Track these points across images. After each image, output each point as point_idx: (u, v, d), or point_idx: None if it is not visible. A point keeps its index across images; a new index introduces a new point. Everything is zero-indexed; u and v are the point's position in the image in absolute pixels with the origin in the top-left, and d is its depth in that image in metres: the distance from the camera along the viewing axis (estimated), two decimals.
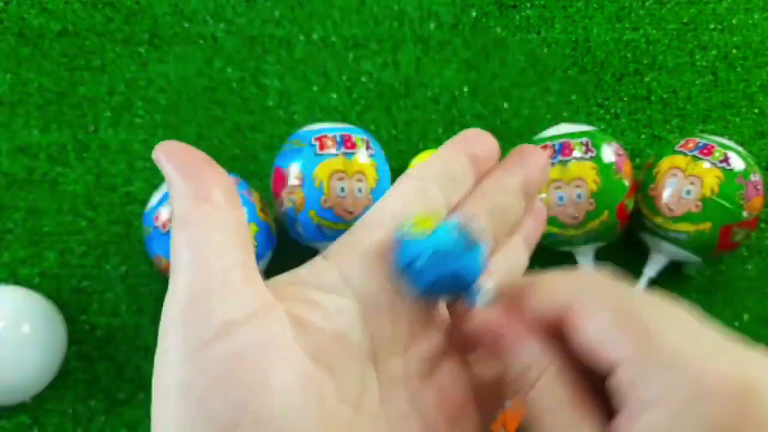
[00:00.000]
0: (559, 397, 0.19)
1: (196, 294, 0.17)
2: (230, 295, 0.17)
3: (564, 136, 0.47)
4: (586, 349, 0.19)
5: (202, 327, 0.17)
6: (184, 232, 0.18)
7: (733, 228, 0.45)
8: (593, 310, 0.18)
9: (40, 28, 0.58)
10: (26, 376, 0.45)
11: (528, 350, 0.20)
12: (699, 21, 0.60)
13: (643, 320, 0.18)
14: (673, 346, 0.17)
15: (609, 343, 0.18)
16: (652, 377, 0.17)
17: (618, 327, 0.18)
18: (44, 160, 0.54)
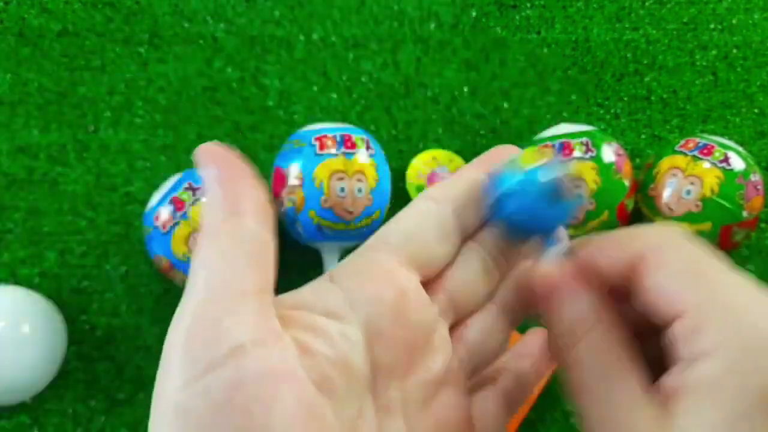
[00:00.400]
0: (610, 350, 0.19)
1: (207, 316, 0.17)
2: (240, 322, 0.17)
3: (564, 136, 0.47)
4: (651, 298, 0.19)
5: (208, 350, 0.16)
6: (208, 246, 0.18)
7: (733, 228, 0.45)
8: (664, 260, 0.19)
9: (40, 28, 0.58)
10: (26, 376, 0.45)
11: (583, 302, 0.20)
12: (699, 21, 0.60)
13: (711, 274, 0.18)
14: (736, 300, 0.17)
15: (675, 292, 0.18)
16: (712, 327, 0.17)
17: (687, 277, 0.18)
18: (44, 160, 0.54)
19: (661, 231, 0.20)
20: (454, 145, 0.55)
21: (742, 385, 0.16)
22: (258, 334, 0.17)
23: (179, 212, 0.44)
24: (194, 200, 0.44)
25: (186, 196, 0.45)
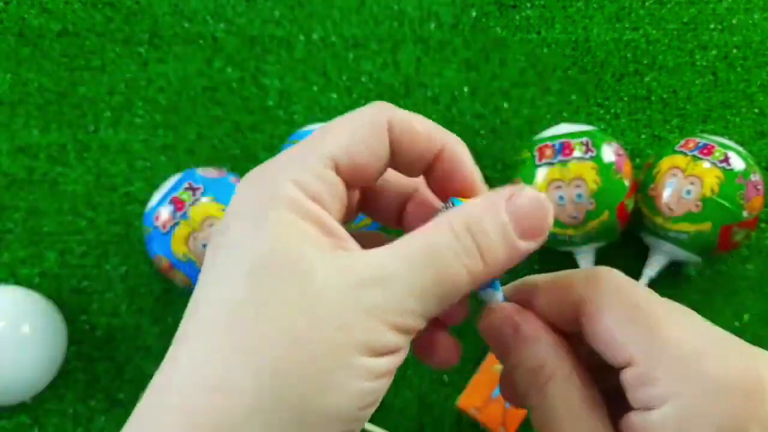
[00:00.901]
0: (573, 394, 0.19)
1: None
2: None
3: (564, 136, 0.47)
4: (598, 346, 0.19)
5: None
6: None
7: (733, 228, 0.45)
8: (604, 307, 0.19)
9: (40, 28, 0.58)
10: (26, 376, 0.45)
11: (544, 347, 0.20)
12: (699, 21, 0.60)
13: (653, 317, 0.19)
14: (682, 344, 0.18)
15: (620, 341, 0.19)
16: (662, 376, 0.18)
17: (630, 323, 0.19)
18: (44, 160, 0.54)
19: (597, 277, 0.20)
20: None
21: (700, 427, 0.17)
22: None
23: (179, 212, 0.44)
24: (194, 200, 0.44)
25: (186, 196, 0.45)
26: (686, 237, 0.46)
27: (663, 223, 0.47)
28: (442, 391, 0.49)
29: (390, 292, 0.17)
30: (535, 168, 0.46)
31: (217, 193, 0.45)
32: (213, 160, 0.54)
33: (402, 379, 0.49)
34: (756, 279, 0.52)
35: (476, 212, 0.19)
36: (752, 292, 0.52)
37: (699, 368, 0.17)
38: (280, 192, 0.19)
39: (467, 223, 0.18)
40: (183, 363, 0.18)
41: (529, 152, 0.48)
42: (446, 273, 0.18)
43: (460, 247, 0.18)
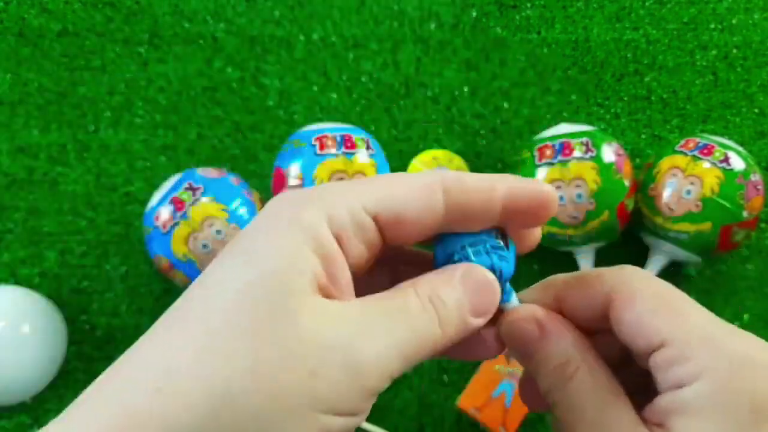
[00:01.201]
0: (600, 385, 0.20)
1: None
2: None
3: (564, 136, 0.47)
4: (628, 333, 0.20)
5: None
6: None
7: (733, 228, 0.45)
8: (636, 296, 0.20)
9: (40, 28, 0.58)
10: (26, 376, 0.45)
11: (569, 343, 0.21)
12: (699, 21, 0.60)
13: (682, 307, 0.20)
14: (711, 329, 0.19)
15: (652, 325, 0.19)
16: (694, 354, 0.18)
17: (660, 310, 0.20)
18: (44, 160, 0.54)
19: (624, 271, 0.21)
20: (455, 145, 0.55)
21: (731, 402, 0.18)
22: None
23: (179, 212, 0.44)
24: (194, 200, 0.44)
25: (186, 196, 0.45)
26: (686, 237, 0.46)
27: (663, 223, 0.47)
28: (442, 391, 0.49)
29: (370, 348, 0.18)
30: (535, 168, 0.46)
31: (217, 193, 0.45)
32: (213, 160, 0.55)
33: (402, 379, 0.49)
34: (756, 279, 0.52)
35: (438, 287, 0.20)
36: (752, 292, 0.52)
37: (727, 346, 0.18)
38: (305, 215, 0.18)
39: (431, 296, 0.19)
40: (137, 358, 0.17)
41: (529, 152, 0.48)
42: (418, 333, 0.19)
43: (427, 316, 0.19)
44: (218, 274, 0.18)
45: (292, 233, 0.18)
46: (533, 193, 0.20)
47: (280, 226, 0.18)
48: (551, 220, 0.46)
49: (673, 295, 0.20)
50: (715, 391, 0.18)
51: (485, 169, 0.55)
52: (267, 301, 0.17)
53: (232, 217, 0.44)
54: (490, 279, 0.20)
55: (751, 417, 0.17)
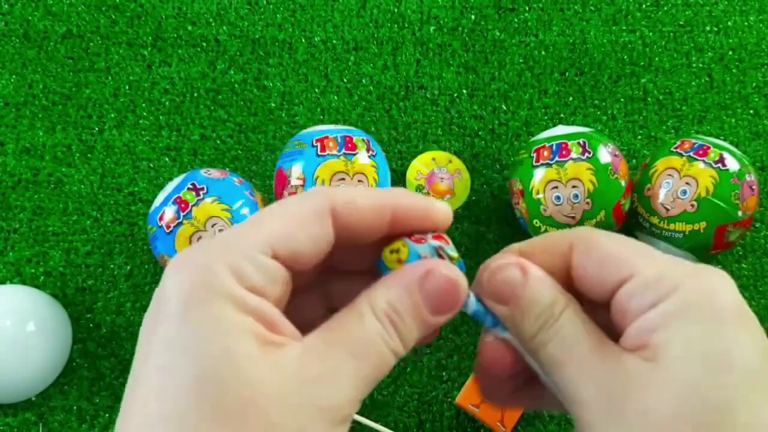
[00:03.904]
0: (587, 322, 0.21)
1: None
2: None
3: (561, 137, 0.48)
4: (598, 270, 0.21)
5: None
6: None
7: (728, 228, 0.46)
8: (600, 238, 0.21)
9: (44, 30, 0.58)
10: (31, 374, 0.46)
11: (554, 284, 0.21)
12: (695, 23, 0.60)
13: (642, 248, 0.21)
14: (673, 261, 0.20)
15: (623, 256, 0.20)
16: (662, 278, 0.19)
17: (625, 247, 0.21)
18: (49, 161, 0.54)
19: (583, 227, 0.22)
20: (453, 147, 0.56)
21: (708, 308, 0.19)
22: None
23: (183, 212, 0.45)
24: (198, 201, 0.45)
25: (190, 196, 0.45)
26: (681, 236, 0.47)
27: (659, 223, 0.47)
28: (441, 388, 0.49)
29: (336, 390, 0.18)
30: (533, 169, 0.47)
31: (221, 193, 0.46)
32: (216, 161, 0.55)
33: (401, 376, 0.49)
34: (750, 278, 0.53)
35: (394, 298, 0.20)
36: (746, 291, 0.52)
37: (692, 272, 0.19)
38: (217, 282, 0.18)
39: (387, 312, 0.20)
40: None
41: (526, 153, 0.48)
42: (380, 360, 0.19)
43: (386, 335, 0.19)
44: (158, 377, 0.17)
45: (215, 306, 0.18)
46: (420, 210, 0.21)
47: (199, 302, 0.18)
48: (549, 220, 0.47)
49: (633, 240, 0.21)
50: (689, 302, 0.19)
51: (484, 169, 0.55)
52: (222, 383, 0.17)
53: (235, 218, 0.45)
54: (453, 278, 0.20)
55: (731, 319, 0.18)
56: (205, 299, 0.18)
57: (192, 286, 0.18)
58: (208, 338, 0.17)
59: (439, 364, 0.50)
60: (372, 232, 0.21)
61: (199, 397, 0.17)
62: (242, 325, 0.18)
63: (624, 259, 0.20)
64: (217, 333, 0.17)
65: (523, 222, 0.49)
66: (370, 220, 0.21)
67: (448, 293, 0.20)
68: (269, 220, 0.20)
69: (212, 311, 0.18)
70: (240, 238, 0.19)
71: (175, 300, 0.18)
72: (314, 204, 0.20)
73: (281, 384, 0.17)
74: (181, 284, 0.18)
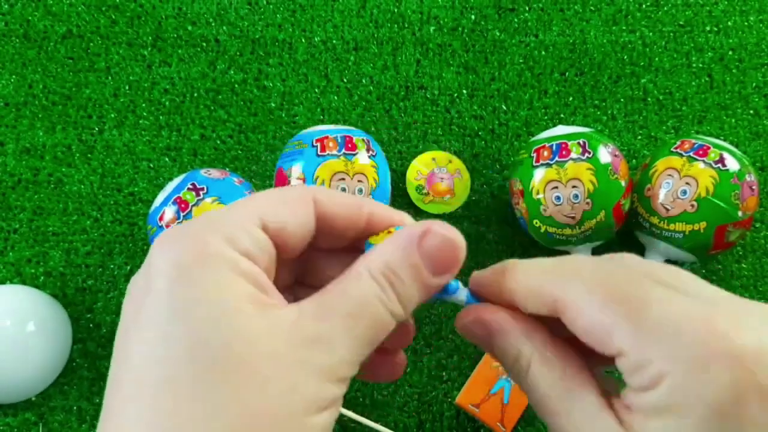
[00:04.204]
0: (554, 374, 0.20)
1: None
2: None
3: (561, 137, 0.48)
4: (588, 340, 0.19)
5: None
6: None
7: (728, 228, 0.46)
8: (583, 304, 0.19)
9: (44, 30, 0.58)
10: (31, 374, 0.46)
11: (515, 338, 0.21)
12: (695, 23, 0.60)
13: (634, 300, 0.18)
14: (668, 321, 0.18)
15: (606, 332, 0.19)
16: (656, 354, 0.18)
17: (611, 313, 0.18)
18: (49, 161, 0.54)
19: (564, 269, 0.20)
20: (454, 147, 0.56)
21: (695, 402, 0.17)
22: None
23: (183, 212, 0.45)
24: (198, 201, 0.45)
25: (190, 196, 0.45)
26: (681, 236, 0.47)
27: (659, 223, 0.47)
28: (441, 388, 0.49)
29: (332, 348, 0.18)
30: (533, 169, 0.47)
31: (221, 194, 0.46)
32: (216, 161, 0.55)
33: (402, 377, 0.49)
34: (750, 278, 0.53)
35: (392, 259, 0.20)
36: (746, 291, 0.52)
37: (687, 342, 0.17)
38: (211, 248, 0.18)
39: (385, 273, 0.19)
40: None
41: (526, 153, 0.48)
42: (376, 321, 0.19)
43: (384, 296, 0.19)
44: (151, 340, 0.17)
45: (210, 269, 0.18)
46: (390, 218, 0.22)
47: (195, 265, 0.18)
48: (549, 220, 0.47)
49: (628, 288, 0.19)
50: (677, 395, 0.17)
51: (484, 169, 0.55)
52: (220, 339, 0.17)
53: None
54: (451, 236, 0.20)
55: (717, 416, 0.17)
56: (198, 262, 0.18)
57: (183, 253, 0.18)
58: (203, 299, 0.17)
59: (439, 364, 0.50)
60: (349, 226, 0.21)
61: (194, 359, 0.17)
62: (237, 285, 0.18)
63: (608, 334, 0.18)
64: (213, 292, 0.17)
65: (523, 222, 0.49)
66: (348, 215, 0.21)
67: (447, 251, 0.20)
68: (257, 198, 0.20)
69: (206, 273, 0.18)
70: (229, 212, 0.20)
71: (166, 268, 0.18)
72: (298, 189, 0.21)
73: (276, 342, 0.17)
74: (171, 253, 0.18)
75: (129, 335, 0.18)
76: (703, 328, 0.17)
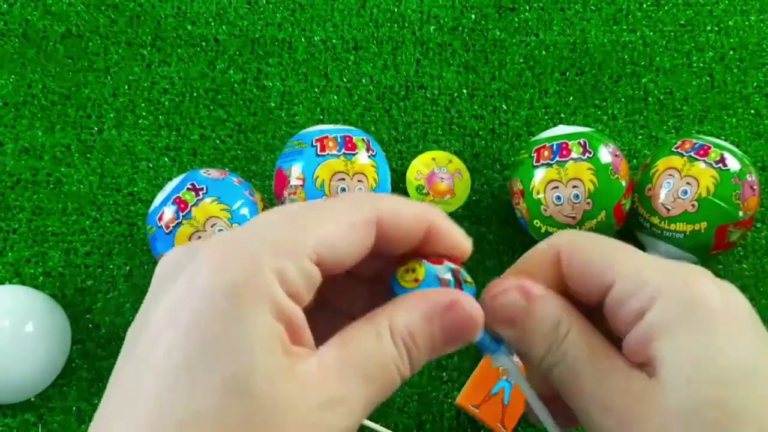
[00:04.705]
0: (593, 340, 0.21)
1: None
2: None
3: (561, 137, 0.48)
4: (581, 279, 0.21)
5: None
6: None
7: (729, 228, 0.46)
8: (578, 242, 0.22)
9: (44, 29, 0.58)
10: (30, 375, 0.46)
11: (557, 303, 0.21)
12: (696, 23, 0.60)
13: (622, 246, 0.21)
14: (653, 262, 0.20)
15: (605, 261, 0.21)
16: (650, 275, 0.20)
17: (607, 250, 0.21)
18: (48, 161, 0.54)
19: (565, 233, 0.23)
20: (454, 147, 0.56)
21: (693, 315, 0.19)
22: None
23: (183, 212, 0.45)
24: (197, 201, 0.45)
25: (189, 196, 0.45)
26: (682, 237, 0.47)
27: (659, 223, 0.47)
28: (442, 389, 0.49)
29: (351, 411, 0.18)
30: (533, 169, 0.47)
31: (220, 193, 0.46)
32: (215, 161, 0.55)
33: None
34: (751, 278, 0.53)
35: (414, 326, 0.20)
36: (747, 292, 0.52)
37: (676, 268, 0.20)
38: (261, 281, 0.17)
39: (405, 339, 0.19)
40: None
41: (527, 153, 0.48)
42: (389, 383, 0.19)
43: (400, 360, 0.19)
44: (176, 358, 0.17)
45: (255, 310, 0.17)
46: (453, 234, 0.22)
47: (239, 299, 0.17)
48: (549, 220, 0.47)
49: (612, 240, 0.21)
50: (676, 307, 0.19)
51: (484, 169, 0.55)
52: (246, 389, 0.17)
53: (234, 218, 0.45)
54: (475, 315, 0.20)
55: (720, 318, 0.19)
56: (243, 295, 0.17)
57: (233, 276, 0.17)
58: (240, 343, 0.17)
59: (440, 364, 0.50)
60: (405, 244, 0.21)
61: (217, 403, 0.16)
62: (275, 332, 0.17)
63: (604, 263, 0.20)
64: (248, 340, 0.17)
65: (523, 222, 0.49)
66: (409, 232, 0.21)
67: (465, 328, 0.20)
68: (318, 223, 0.19)
69: (250, 310, 0.17)
70: (288, 238, 0.18)
71: (211, 287, 0.17)
72: (365, 213, 0.20)
73: (301, 401, 0.17)
74: (220, 271, 0.17)
75: (156, 343, 0.17)
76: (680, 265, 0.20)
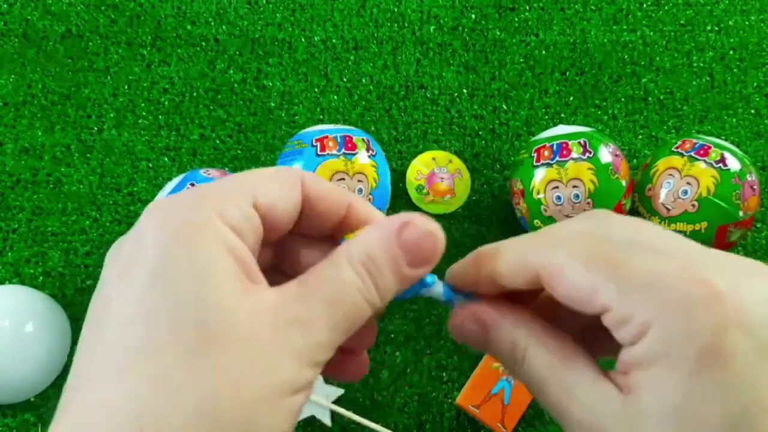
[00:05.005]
0: (552, 356, 0.20)
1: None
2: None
3: (562, 137, 0.48)
4: (571, 303, 0.20)
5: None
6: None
7: (729, 228, 0.46)
8: (564, 267, 0.19)
9: (44, 29, 0.58)
10: (30, 375, 0.46)
11: (509, 328, 0.21)
12: (696, 23, 0.60)
13: (612, 257, 0.19)
14: (648, 274, 0.18)
15: (589, 291, 0.19)
16: (637, 307, 0.18)
17: (591, 273, 0.19)
18: (48, 161, 0.54)
19: (542, 240, 0.21)
20: (454, 146, 0.56)
21: (681, 346, 0.17)
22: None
23: None
24: None
25: None
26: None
27: (660, 223, 0.47)
28: (442, 389, 0.49)
29: (311, 331, 0.18)
30: (533, 168, 0.47)
31: None
32: (215, 161, 0.55)
33: (402, 377, 0.49)
34: None
35: (371, 249, 0.20)
36: None
37: (668, 290, 0.18)
38: (203, 219, 0.18)
39: (364, 262, 0.20)
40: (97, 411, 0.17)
41: (527, 153, 0.48)
42: (354, 309, 0.19)
43: (362, 285, 0.20)
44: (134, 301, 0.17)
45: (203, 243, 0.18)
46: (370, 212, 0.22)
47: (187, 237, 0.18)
48: (549, 220, 0.47)
49: (604, 247, 0.19)
50: (663, 344, 0.18)
51: (484, 170, 0.55)
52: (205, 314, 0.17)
53: None
54: (431, 230, 0.20)
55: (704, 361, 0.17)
56: (188, 232, 0.18)
57: (174, 222, 0.18)
58: (191, 271, 0.17)
59: (439, 364, 0.50)
60: (330, 212, 0.22)
61: (177, 330, 0.17)
62: (224, 261, 0.18)
63: (591, 292, 0.19)
64: (202, 265, 0.18)
65: (523, 222, 0.49)
66: (331, 200, 0.22)
67: (426, 245, 0.20)
68: (249, 175, 0.21)
69: (196, 244, 0.18)
70: (222, 185, 0.20)
71: (156, 235, 0.18)
72: (287, 170, 0.21)
73: (259, 324, 0.18)
74: (162, 221, 0.18)
75: (110, 298, 0.18)
76: (683, 277, 0.18)
